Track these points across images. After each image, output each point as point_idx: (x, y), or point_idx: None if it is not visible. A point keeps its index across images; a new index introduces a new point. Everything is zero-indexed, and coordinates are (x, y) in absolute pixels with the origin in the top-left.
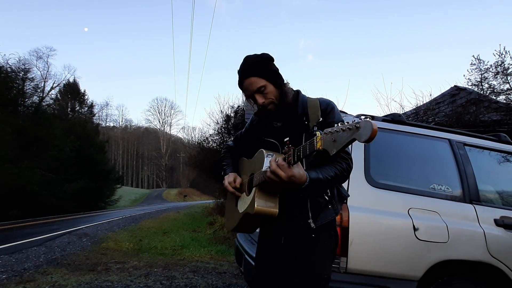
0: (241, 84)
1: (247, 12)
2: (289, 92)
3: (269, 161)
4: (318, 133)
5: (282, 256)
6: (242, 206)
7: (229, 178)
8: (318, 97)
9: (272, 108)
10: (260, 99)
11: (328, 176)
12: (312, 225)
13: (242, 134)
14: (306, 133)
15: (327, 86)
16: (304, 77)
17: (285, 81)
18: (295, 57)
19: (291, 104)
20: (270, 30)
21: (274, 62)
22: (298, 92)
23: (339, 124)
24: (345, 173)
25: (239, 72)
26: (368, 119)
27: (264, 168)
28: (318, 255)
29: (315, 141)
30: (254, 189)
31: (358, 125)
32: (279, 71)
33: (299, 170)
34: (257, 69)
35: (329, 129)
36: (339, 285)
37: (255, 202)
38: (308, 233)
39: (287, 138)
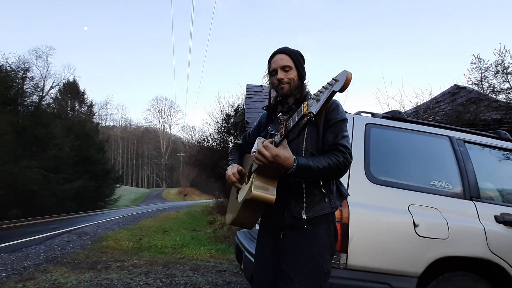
0: (271, 58)
1: (244, 11)
2: (305, 88)
3: (256, 143)
4: (305, 102)
5: (281, 251)
6: (241, 195)
7: (233, 169)
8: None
9: (286, 88)
10: (280, 75)
11: (319, 165)
12: (304, 216)
13: (251, 132)
14: (308, 127)
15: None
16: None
17: (306, 80)
18: None
19: (300, 101)
20: (267, 29)
21: (304, 61)
22: (307, 91)
23: (323, 86)
24: (341, 166)
25: (276, 50)
26: (345, 70)
27: (252, 150)
28: (317, 249)
29: (302, 107)
30: (252, 175)
31: (336, 78)
32: (305, 68)
33: (284, 152)
34: (292, 53)
35: (315, 93)
36: (340, 281)
37: (252, 188)
38: (301, 224)
39: (280, 114)
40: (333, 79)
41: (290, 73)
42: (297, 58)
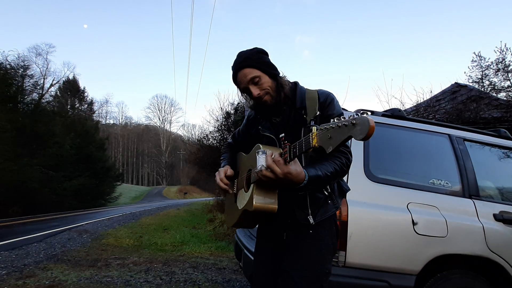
0: (235, 78)
1: (241, 7)
2: (286, 84)
3: (263, 158)
4: (314, 128)
5: (283, 250)
6: (241, 203)
7: (220, 174)
8: (317, 88)
9: (268, 99)
10: (255, 91)
11: (327, 173)
12: (311, 221)
13: (240, 130)
14: (304, 128)
15: (325, 83)
16: (301, 73)
17: (281, 74)
18: (291, 53)
19: (289, 97)
20: (264, 26)
21: (267, 55)
22: (296, 83)
23: (335, 120)
24: (345, 168)
25: (233, 66)
26: (365, 115)
27: (258, 166)
28: (319, 249)
29: (310, 137)
30: (252, 185)
31: (354, 122)
32: (273, 64)
33: (296, 168)
34: (250, 60)
35: (325, 125)
36: (338, 278)
37: (254, 199)
38: (308, 229)
39: (282, 134)
40: (351, 122)
41: (262, 82)
42: (258, 61)
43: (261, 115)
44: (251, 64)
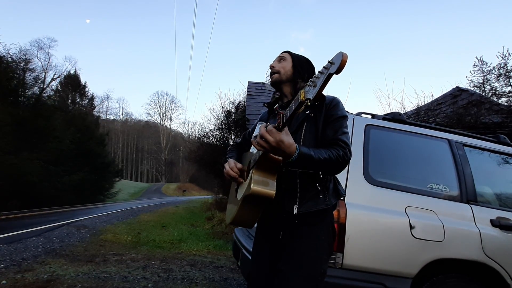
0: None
1: (235, 3)
2: (299, 84)
3: (258, 127)
4: (301, 90)
5: (279, 250)
6: (241, 193)
7: (230, 164)
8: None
9: (275, 77)
10: (273, 63)
11: (320, 157)
12: (295, 211)
13: (252, 130)
14: (307, 122)
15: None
16: None
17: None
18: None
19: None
20: (258, 22)
21: (307, 63)
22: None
23: (318, 71)
24: (341, 160)
25: None
26: (340, 51)
27: (254, 134)
28: (315, 250)
29: (299, 95)
30: (251, 171)
31: (332, 61)
32: (308, 69)
33: (288, 138)
34: (295, 54)
35: (311, 79)
36: (335, 280)
37: (252, 183)
38: (305, 228)
39: (277, 105)
40: (329, 62)
41: (284, 63)
42: (297, 57)
43: (272, 103)
44: (291, 53)
